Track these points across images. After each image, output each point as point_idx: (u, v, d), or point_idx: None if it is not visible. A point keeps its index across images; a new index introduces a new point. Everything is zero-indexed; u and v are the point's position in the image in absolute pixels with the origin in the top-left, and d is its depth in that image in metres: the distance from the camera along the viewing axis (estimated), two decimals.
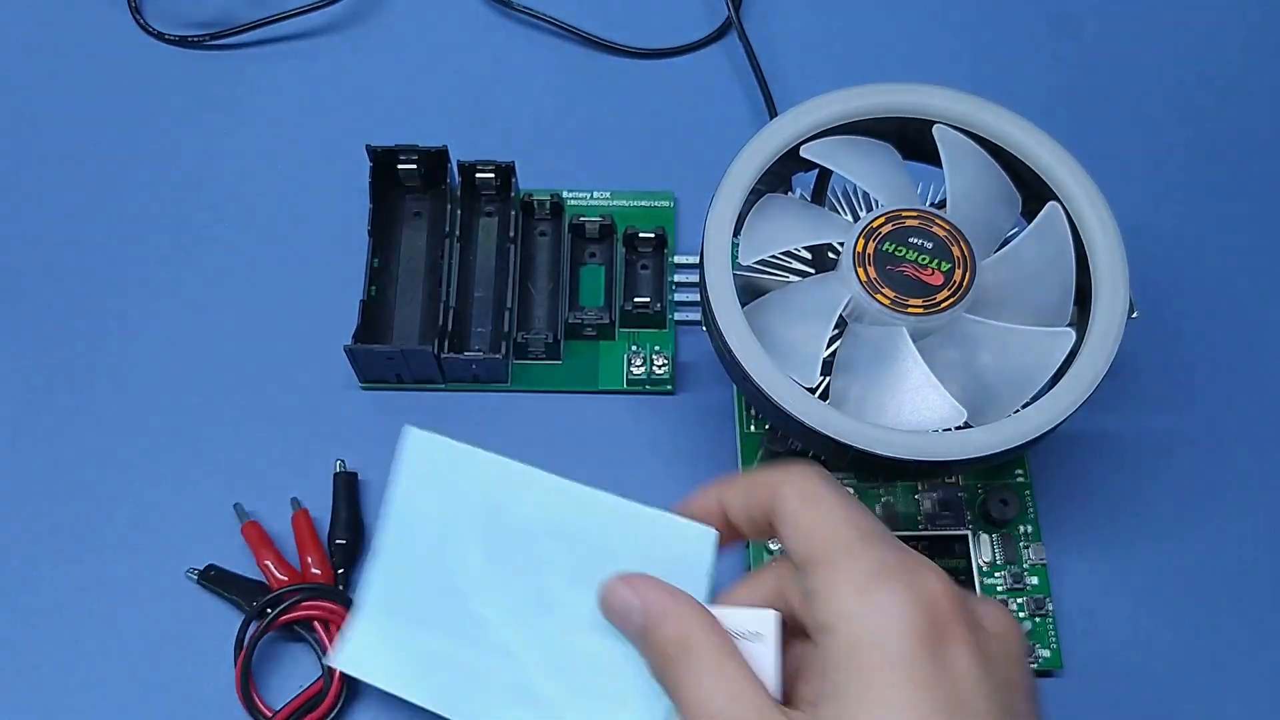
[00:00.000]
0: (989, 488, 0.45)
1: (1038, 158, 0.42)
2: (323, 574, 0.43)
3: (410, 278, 0.48)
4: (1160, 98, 0.54)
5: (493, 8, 0.56)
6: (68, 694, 0.42)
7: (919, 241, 0.40)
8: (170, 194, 0.51)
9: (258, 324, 0.49)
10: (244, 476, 0.46)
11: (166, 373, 0.48)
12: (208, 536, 0.44)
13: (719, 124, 0.53)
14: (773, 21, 0.56)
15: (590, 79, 0.55)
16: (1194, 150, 0.53)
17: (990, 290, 0.41)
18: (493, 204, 0.50)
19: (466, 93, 0.54)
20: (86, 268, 0.50)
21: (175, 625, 0.43)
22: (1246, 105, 0.54)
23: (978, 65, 0.55)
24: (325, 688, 0.41)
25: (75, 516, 0.45)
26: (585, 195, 0.51)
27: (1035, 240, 0.41)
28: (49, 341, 0.48)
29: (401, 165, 0.48)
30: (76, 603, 0.44)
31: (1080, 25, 0.56)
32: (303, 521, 0.44)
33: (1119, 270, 0.40)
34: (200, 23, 0.55)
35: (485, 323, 0.48)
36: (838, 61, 0.55)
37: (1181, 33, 0.56)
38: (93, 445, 0.46)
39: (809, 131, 0.42)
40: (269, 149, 0.52)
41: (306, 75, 0.54)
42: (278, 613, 0.42)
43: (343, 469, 0.45)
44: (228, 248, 0.50)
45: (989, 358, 0.40)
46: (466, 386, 0.47)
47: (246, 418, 0.47)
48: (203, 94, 0.54)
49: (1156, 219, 0.51)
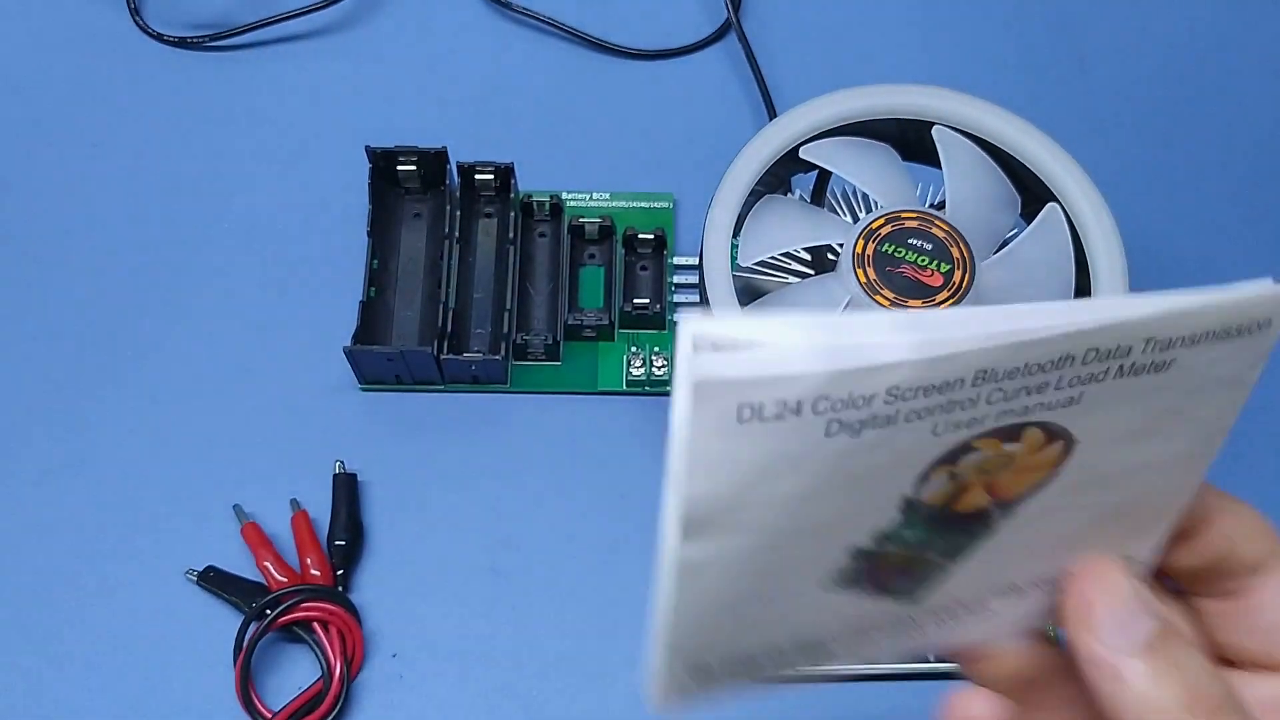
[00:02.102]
0: None
1: (1037, 159, 0.42)
2: (322, 575, 0.43)
3: (409, 279, 0.48)
4: (1159, 98, 0.54)
5: (492, 9, 0.56)
6: (67, 695, 0.42)
7: (918, 243, 0.40)
8: (169, 195, 0.51)
9: (257, 325, 0.49)
10: (243, 477, 0.46)
11: (165, 373, 0.48)
12: (207, 537, 0.44)
13: (718, 125, 0.53)
14: (772, 22, 0.56)
15: (589, 80, 0.55)
16: (1193, 151, 0.53)
17: (989, 291, 0.41)
18: (492, 205, 0.50)
19: (466, 94, 0.54)
20: (84, 269, 0.50)
21: (174, 626, 0.43)
22: (1247, 106, 0.54)
23: (976, 66, 0.55)
24: (325, 689, 0.41)
25: (74, 517, 0.45)
26: (584, 196, 0.51)
27: (1034, 241, 0.41)
28: (47, 342, 0.48)
29: (401, 166, 0.48)
30: (75, 604, 0.44)
31: (1078, 26, 0.56)
32: (302, 522, 0.44)
33: (1118, 271, 0.40)
34: (199, 24, 0.55)
35: (484, 324, 0.48)
36: (837, 63, 0.55)
37: (1181, 33, 0.56)
38: (91, 446, 0.46)
39: (808, 133, 0.42)
40: (268, 150, 0.52)
41: (306, 76, 0.54)
42: (277, 614, 0.42)
43: (342, 470, 0.45)
44: (226, 249, 0.50)
45: None
46: (466, 388, 0.47)
47: (245, 419, 0.47)
48: (202, 95, 0.54)
49: (1156, 220, 0.51)
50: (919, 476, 0.21)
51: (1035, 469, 0.22)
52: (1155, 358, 0.20)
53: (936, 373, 0.19)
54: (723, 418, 0.18)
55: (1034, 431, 0.21)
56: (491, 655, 0.43)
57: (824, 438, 0.19)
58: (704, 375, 0.17)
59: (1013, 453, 0.21)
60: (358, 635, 0.42)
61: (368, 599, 0.44)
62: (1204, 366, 0.21)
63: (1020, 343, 0.19)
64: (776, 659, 0.24)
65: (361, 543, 0.45)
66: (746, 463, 0.19)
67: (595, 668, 0.43)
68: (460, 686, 0.43)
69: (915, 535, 0.22)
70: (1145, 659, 0.22)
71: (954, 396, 0.19)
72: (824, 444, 0.19)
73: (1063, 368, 0.20)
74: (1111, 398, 0.21)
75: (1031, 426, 0.21)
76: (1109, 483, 0.23)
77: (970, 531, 0.23)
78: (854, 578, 0.22)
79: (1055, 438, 0.21)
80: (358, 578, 0.44)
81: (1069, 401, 0.21)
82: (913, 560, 0.23)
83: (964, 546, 0.23)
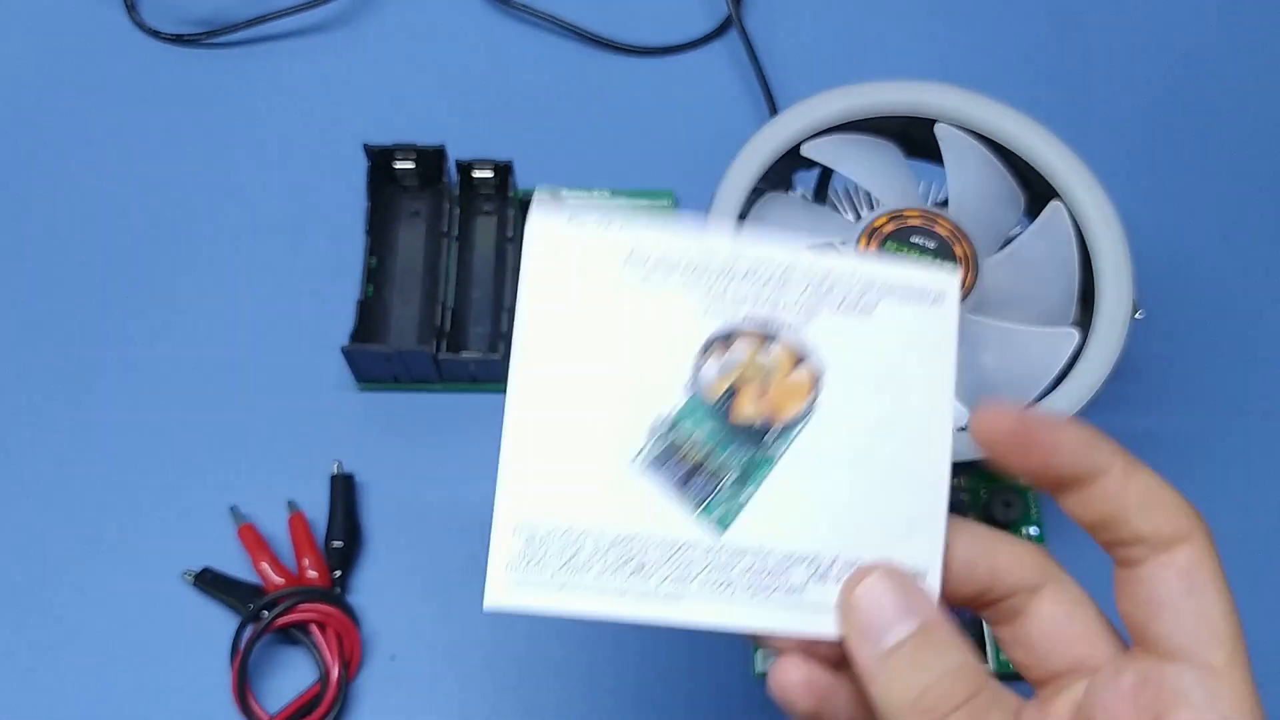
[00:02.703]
0: (992, 489, 0.44)
1: (1041, 156, 0.42)
2: (319, 577, 0.43)
3: (407, 277, 0.48)
4: (1164, 96, 0.54)
5: (491, 5, 0.56)
6: (63, 697, 0.42)
7: (921, 241, 0.39)
8: (166, 193, 0.51)
9: (254, 324, 0.48)
10: (240, 479, 0.45)
11: (162, 374, 0.47)
12: (203, 539, 0.44)
13: (719, 122, 0.53)
14: (773, 19, 0.55)
15: (589, 77, 0.54)
16: (1198, 149, 0.53)
17: (993, 290, 0.40)
18: (491, 203, 0.49)
19: (464, 91, 0.54)
20: (81, 267, 0.49)
21: (171, 628, 0.43)
22: (1251, 105, 0.54)
23: (980, 62, 0.55)
24: (322, 691, 0.41)
25: (71, 518, 0.45)
26: (584, 194, 0.51)
27: (1038, 239, 0.41)
28: (45, 342, 0.48)
29: (399, 164, 0.48)
30: (72, 605, 0.43)
31: (1083, 22, 0.56)
32: (299, 524, 0.44)
33: (1123, 270, 0.40)
34: (196, 21, 0.55)
35: (483, 323, 0.48)
36: (839, 59, 0.55)
37: (1186, 31, 0.56)
38: (88, 447, 0.46)
39: (810, 130, 0.42)
40: (265, 148, 0.52)
41: (303, 74, 0.54)
42: (274, 616, 0.41)
43: (339, 471, 0.45)
44: (223, 247, 0.50)
45: (992, 358, 0.40)
46: (464, 387, 0.47)
47: (242, 419, 0.46)
48: (198, 92, 0.53)
49: (1161, 218, 0.51)
50: (698, 355, 0.27)
51: (793, 392, 0.28)
52: (860, 300, 0.28)
53: (697, 252, 0.27)
54: (552, 246, 0.27)
55: (784, 346, 0.28)
56: (491, 658, 0.43)
57: (620, 267, 0.27)
58: (544, 215, 0.27)
59: (769, 365, 0.28)
60: (355, 637, 0.42)
61: (365, 601, 0.43)
62: (905, 320, 0.28)
63: (754, 252, 0.28)
64: (600, 558, 0.27)
65: (359, 544, 0.44)
66: (572, 274, 0.27)
67: (595, 669, 0.43)
68: (459, 689, 0.42)
69: (701, 427, 0.27)
70: (894, 660, 0.25)
71: (710, 281, 0.27)
72: (622, 272, 0.27)
73: (790, 281, 0.28)
74: (837, 332, 0.28)
75: (782, 337, 0.28)
76: (863, 435, 0.28)
77: (751, 444, 0.27)
78: (659, 460, 0.27)
79: (802, 359, 0.28)
80: (355, 579, 0.44)
81: (803, 319, 0.28)
82: (707, 460, 0.27)
83: (750, 468, 0.27)
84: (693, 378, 0.27)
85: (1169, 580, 0.26)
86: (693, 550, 0.27)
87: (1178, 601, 0.25)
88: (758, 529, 0.27)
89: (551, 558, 0.28)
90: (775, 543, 0.27)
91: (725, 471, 0.27)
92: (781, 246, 0.28)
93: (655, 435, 0.27)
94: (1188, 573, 0.25)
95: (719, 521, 0.27)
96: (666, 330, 0.27)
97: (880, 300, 0.28)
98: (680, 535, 0.27)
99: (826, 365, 0.28)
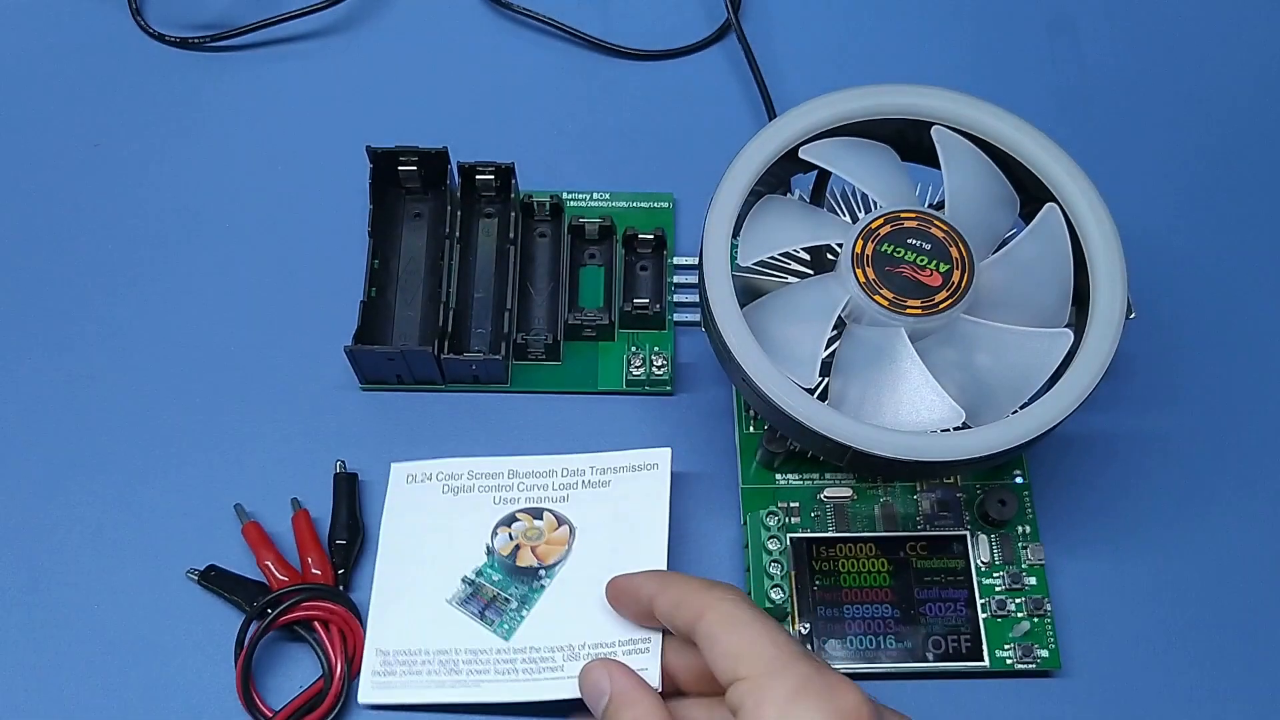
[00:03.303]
0: (987, 488, 0.45)
1: (1036, 159, 0.42)
2: (323, 574, 0.43)
3: (410, 279, 0.49)
4: (1158, 99, 0.54)
5: (492, 9, 0.56)
6: (68, 694, 0.42)
7: (917, 243, 0.40)
8: (170, 195, 0.51)
9: (258, 325, 0.49)
10: (244, 477, 0.46)
11: (167, 373, 0.48)
12: (208, 537, 0.44)
13: (718, 125, 0.53)
14: (771, 23, 0.56)
15: (590, 80, 0.55)
16: (1192, 150, 0.53)
17: (988, 291, 0.41)
18: (493, 205, 0.50)
19: (466, 94, 0.54)
20: (86, 269, 0.50)
21: (176, 626, 0.43)
22: (1244, 106, 0.54)
23: (976, 66, 0.55)
24: (325, 688, 0.41)
25: (76, 517, 0.45)
26: (585, 196, 0.51)
27: (1033, 241, 0.41)
28: (49, 342, 0.48)
29: (402, 167, 0.48)
30: (77, 603, 0.44)
31: (1078, 26, 0.56)
32: (303, 522, 0.44)
33: (1117, 271, 0.40)
34: (201, 24, 0.55)
35: (485, 323, 0.48)
36: (836, 63, 0.55)
37: (1179, 33, 0.56)
38: (93, 446, 0.46)
39: (808, 133, 0.42)
40: (269, 150, 0.53)
41: (307, 77, 0.54)
42: (278, 613, 0.42)
43: (343, 469, 0.45)
44: (228, 249, 0.50)
45: (987, 358, 0.40)
46: (466, 387, 0.47)
47: (247, 418, 0.47)
48: (203, 95, 0.54)
49: (1154, 220, 0.51)
50: (492, 530, 0.43)
51: (557, 544, 0.43)
52: (600, 478, 0.44)
53: (492, 470, 0.45)
54: (403, 485, 0.45)
55: (549, 516, 0.43)
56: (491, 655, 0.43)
57: (440, 494, 0.44)
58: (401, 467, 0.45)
59: (540, 528, 0.43)
60: (359, 634, 0.42)
61: (368, 598, 0.44)
62: (631, 484, 0.44)
63: (526, 466, 0.45)
64: (429, 665, 0.41)
65: (362, 542, 0.45)
66: (409, 507, 0.44)
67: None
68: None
69: (496, 576, 0.42)
70: (606, 717, 0.37)
71: (501, 484, 0.44)
72: (441, 497, 0.44)
73: (552, 478, 0.44)
74: (585, 500, 0.44)
75: (547, 512, 0.43)
76: (603, 566, 0.41)
77: (528, 582, 0.42)
78: (466, 599, 0.42)
79: (562, 523, 0.43)
80: (359, 577, 0.44)
81: (563, 499, 0.44)
82: (498, 597, 0.42)
83: (528, 596, 0.42)
84: (490, 544, 0.43)
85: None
86: (489, 654, 0.41)
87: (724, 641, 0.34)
88: (532, 634, 0.41)
89: (398, 667, 0.41)
90: (544, 640, 0.41)
91: (511, 601, 0.42)
92: (543, 458, 0.44)
93: (465, 583, 0.42)
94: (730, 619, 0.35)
95: (506, 633, 0.41)
96: (473, 519, 0.44)
97: (614, 476, 0.44)
98: (480, 644, 0.41)
99: (579, 525, 0.43)
